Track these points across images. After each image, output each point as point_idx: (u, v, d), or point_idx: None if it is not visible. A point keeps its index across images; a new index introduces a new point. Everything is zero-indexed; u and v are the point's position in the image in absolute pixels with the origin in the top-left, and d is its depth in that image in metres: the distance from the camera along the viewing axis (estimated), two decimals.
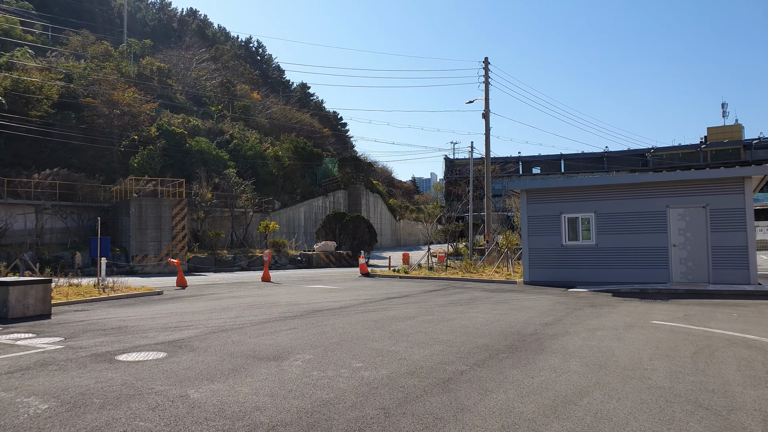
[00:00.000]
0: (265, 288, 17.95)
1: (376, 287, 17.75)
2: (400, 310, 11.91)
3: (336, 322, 10.19)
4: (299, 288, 17.74)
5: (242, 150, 46.86)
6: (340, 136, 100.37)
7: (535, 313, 11.34)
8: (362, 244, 36.45)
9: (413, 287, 17.65)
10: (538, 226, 18.33)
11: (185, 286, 18.45)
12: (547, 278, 18.06)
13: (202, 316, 11.07)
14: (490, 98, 28.78)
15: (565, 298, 14.32)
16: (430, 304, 13.08)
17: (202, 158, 40.85)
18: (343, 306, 12.61)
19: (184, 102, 56.60)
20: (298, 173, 51.88)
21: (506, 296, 14.78)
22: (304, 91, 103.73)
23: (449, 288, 17.35)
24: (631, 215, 17.10)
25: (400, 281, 20.15)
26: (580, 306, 12.58)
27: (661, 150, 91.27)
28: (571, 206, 17.92)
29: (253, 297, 14.91)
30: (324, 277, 22.84)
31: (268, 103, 75.15)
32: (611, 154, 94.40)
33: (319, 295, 15.32)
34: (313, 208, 49.91)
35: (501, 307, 12.45)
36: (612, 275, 17.25)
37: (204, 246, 33.53)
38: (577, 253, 17.79)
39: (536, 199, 18.43)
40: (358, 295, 14.99)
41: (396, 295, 15.00)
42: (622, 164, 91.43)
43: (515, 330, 9.28)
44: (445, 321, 10.27)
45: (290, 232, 45.83)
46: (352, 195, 56.15)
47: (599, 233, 17.47)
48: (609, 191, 17.44)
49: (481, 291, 16.28)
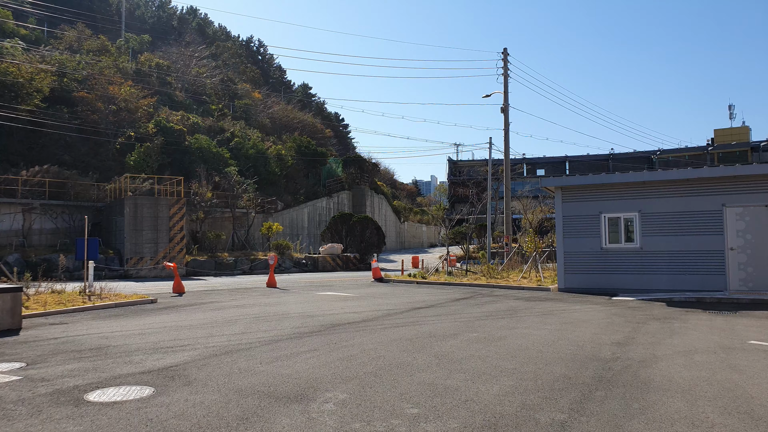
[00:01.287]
0: (272, 295, 16.15)
1: (395, 295, 15.94)
2: (435, 324, 10.10)
3: (363, 340, 8.38)
4: (310, 295, 15.93)
5: (243, 148, 45.10)
6: (342, 138, 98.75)
7: (595, 329, 9.54)
8: (370, 246, 34.65)
9: (437, 295, 15.84)
10: (575, 228, 16.54)
11: (182, 293, 16.64)
12: (584, 285, 16.25)
13: (201, 332, 9.26)
14: (509, 91, 27.05)
15: (616, 308, 12.52)
16: (465, 316, 11.27)
17: (202, 156, 39.08)
18: (366, 318, 10.80)
19: (183, 99, 54.83)
20: (301, 173, 50.12)
21: (547, 306, 12.98)
22: (306, 92, 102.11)
23: (477, 296, 15.54)
24: (681, 215, 15.30)
25: (419, 288, 18.35)
26: (642, 319, 10.78)
27: (667, 152, 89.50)
28: (612, 205, 16.12)
29: (260, 306, 13.10)
30: (334, 283, 21.02)
31: (270, 102, 73.46)
32: (617, 156, 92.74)
33: (333, 304, 13.51)
34: (317, 209, 48.12)
35: (550, 320, 10.65)
36: (658, 282, 15.44)
37: (203, 248, 31.73)
38: (618, 257, 15.99)
39: (573, 198, 16.63)
40: (378, 305, 13.17)
41: (422, 305, 13.19)
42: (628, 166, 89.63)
43: (588, 353, 7.48)
44: (496, 340, 8.46)
45: (293, 234, 44.04)
46: (357, 196, 54.37)
47: (644, 235, 15.67)
48: (655, 188, 15.64)
49: (514, 300, 14.47)
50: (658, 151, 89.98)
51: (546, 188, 16.86)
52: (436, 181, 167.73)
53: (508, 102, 26.84)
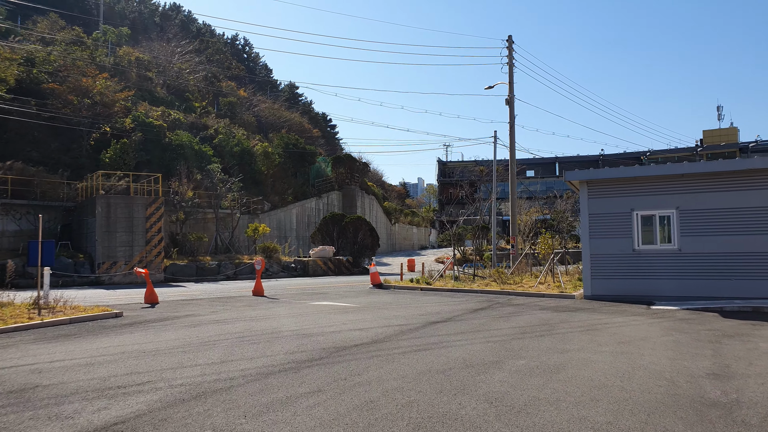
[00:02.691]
0: (259, 306, 14.04)
1: (401, 305, 13.91)
2: (464, 346, 8.10)
3: (382, 374, 6.35)
4: (303, 306, 13.84)
5: (228, 146, 42.81)
6: (330, 138, 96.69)
7: (666, 351, 7.61)
8: (364, 249, 32.60)
9: (449, 304, 13.83)
10: (603, 227, 14.64)
11: (156, 303, 14.48)
12: (614, 291, 14.36)
13: (169, 361, 7.16)
14: (514, 82, 25.16)
15: (666, 321, 10.61)
16: (495, 333, 9.28)
17: (183, 154, 36.76)
18: (377, 338, 8.76)
19: (164, 96, 52.38)
20: (289, 172, 47.90)
21: (583, 318, 11.04)
22: (292, 91, 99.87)
23: (495, 306, 13.56)
24: (725, 212, 13.46)
25: (425, 295, 16.34)
26: (711, 337, 8.86)
27: (657, 153, 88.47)
28: (646, 201, 14.24)
29: (245, 321, 11.00)
30: (329, 290, 18.94)
31: (255, 100, 71.18)
32: (607, 157, 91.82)
33: (332, 317, 11.45)
34: (306, 209, 45.96)
35: (601, 338, 8.69)
36: (699, 288, 13.59)
37: (184, 251, 29.46)
38: (653, 259, 14.11)
39: (600, 193, 14.74)
40: (386, 319, 11.14)
41: (437, 318, 11.18)
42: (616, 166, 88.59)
43: (688, 392, 5.54)
44: (554, 371, 6.48)
45: (281, 235, 41.84)
46: (347, 196, 52.30)
47: (683, 235, 13.81)
48: (695, 181, 13.79)
49: (541, 310, 12.52)
50: (648, 152, 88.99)
51: (569, 182, 14.95)
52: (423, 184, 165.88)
53: (513, 93, 24.97)
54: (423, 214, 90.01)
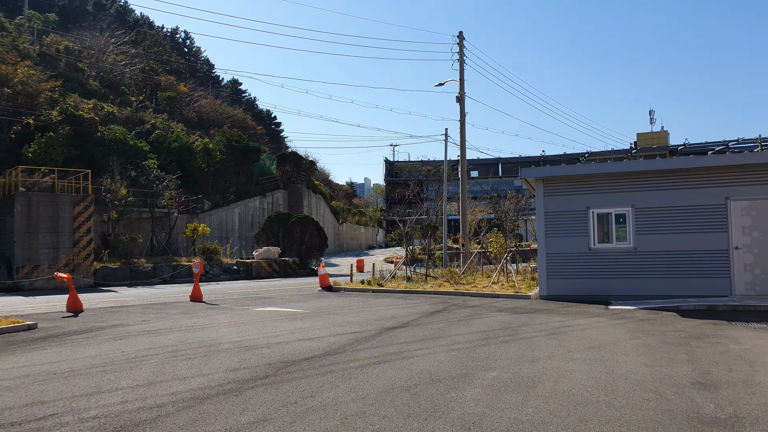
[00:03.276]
0: (197, 313, 12.89)
1: (353, 309, 13.07)
2: (427, 356, 7.36)
3: (338, 395, 5.51)
4: (246, 313, 12.79)
5: (166, 142, 40.70)
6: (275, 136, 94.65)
7: (640, 357, 7.13)
8: (311, 250, 31.53)
9: (404, 307, 13.11)
10: (559, 225, 14.29)
11: (79, 312, 13.07)
12: (570, 291, 14.02)
13: (84, 385, 6.07)
14: (465, 79, 24.76)
15: (629, 322, 10.25)
16: (458, 340, 8.60)
17: (117, 149, 34.58)
18: (330, 350, 7.90)
19: (97, 88, 49.44)
20: (231, 170, 46.12)
21: (544, 320, 10.54)
22: (236, 87, 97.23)
23: (452, 307, 12.93)
24: (680, 210, 13.35)
25: (378, 298, 15.56)
26: (678, 339, 8.49)
27: (594, 155, 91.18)
28: (602, 199, 13.98)
29: (180, 332, 9.89)
30: (274, 294, 17.87)
31: (196, 96, 68.54)
32: (548, 158, 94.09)
33: (279, 325, 10.49)
34: (249, 209, 44.37)
35: (569, 344, 8.16)
36: (654, 286, 13.42)
37: (116, 253, 27.57)
38: (609, 258, 13.86)
39: (556, 191, 14.38)
40: (339, 325, 10.28)
41: (393, 323, 10.41)
42: None
43: (680, 406, 4.99)
44: (529, 385, 5.82)
45: (223, 236, 40.15)
46: (293, 195, 50.96)
47: (638, 233, 13.61)
48: (651, 179, 13.62)
49: (499, 312, 11.97)
50: (586, 154, 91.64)
51: (525, 179, 14.53)
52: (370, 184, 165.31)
53: (464, 91, 24.57)
54: (371, 214, 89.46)
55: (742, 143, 76.07)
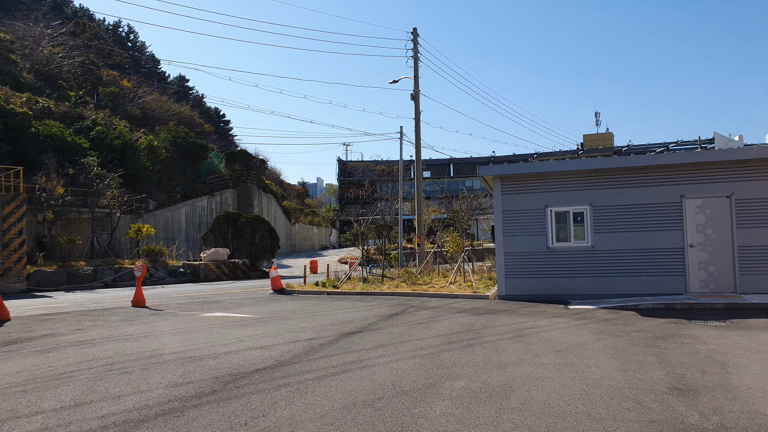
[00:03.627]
0: (139, 320, 11.98)
1: (307, 313, 12.45)
2: (388, 364, 6.87)
3: (294, 414, 4.94)
4: (192, 319, 11.98)
5: (108, 139, 38.77)
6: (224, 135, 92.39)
7: (610, 360, 6.87)
8: (262, 251, 30.56)
9: (361, 310, 12.58)
10: (517, 224, 14.07)
11: (5, 321, 11.94)
12: (529, 291, 13.84)
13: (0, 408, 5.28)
14: (420, 76, 24.43)
15: (591, 323, 10.06)
16: (419, 345, 8.14)
17: (54, 146, 32.64)
18: (282, 359, 7.29)
19: (32, 82, 46.72)
20: (177, 168, 44.45)
21: (505, 322, 10.22)
22: (183, 84, 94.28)
23: (410, 309, 12.49)
24: (637, 208, 13.35)
25: (333, 300, 14.97)
26: (644, 340, 8.31)
27: (543, 155, 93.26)
28: (560, 197, 13.85)
29: (118, 341, 9.06)
30: (223, 298, 16.99)
31: (141, 92, 65.96)
32: (498, 158, 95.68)
33: (228, 333, 9.78)
34: (197, 209, 42.85)
35: (535, 347, 7.84)
36: (612, 285, 13.38)
37: (53, 256, 25.92)
38: (567, 257, 13.74)
39: (514, 189, 14.16)
40: (292, 332, 9.66)
41: (350, 328, 9.87)
42: None
43: (667, 417, 4.69)
44: (501, 395, 5.41)
45: (169, 237, 38.59)
46: (243, 195, 49.62)
47: (596, 231, 13.55)
48: (608, 177, 13.57)
49: (459, 314, 11.61)
50: (535, 155, 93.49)
51: (483, 177, 14.25)
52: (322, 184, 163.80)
53: (418, 88, 24.24)
54: (324, 214, 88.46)
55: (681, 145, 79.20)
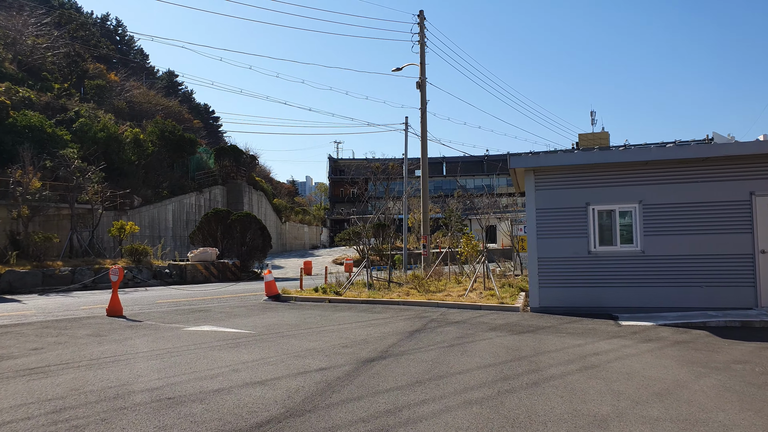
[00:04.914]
0: (111, 335, 10.00)
1: (311, 327, 10.51)
2: (439, 417, 4.98)
3: None
4: (175, 335, 10.01)
5: (91, 131, 36.56)
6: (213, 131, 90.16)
7: (746, 415, 5.01)
8: (253, 251, 28.56)
9: (373, 324, 10.66)
10: (553, 225, 12.22)
11: None
12: (566, 302, 11.99)
13: None
14: (426, 63, 22.53)
15: (669, 348, 8.23)
16: (465, 380, 6.25)
17: (32, 137, 30.45)
18: (290, 405, 5.37)
19: (14, 72, 44.39)
20: (165, 163, 42.29)
21: (558, 344, 8.36)
22: (172, 80, 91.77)
23: (432, 324, 10.59)
24: (695, 207, 11.54)
25: (338, 310, 13.03)
26: (761, 379, 6.47)
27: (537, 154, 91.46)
28: (604, 193, 12.02)
29: (79, 370, 7.10)
30: (212, 305, 14.99)
31: (129, 86, 63.65)
32: (492, 158, 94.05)
33: (219, 357, 7.84)
34: (185, 206, 40.74)
35: (620, 386, 5.99)
36: (664, 296, 11.57)
37: (27, 255, 23.78)
38: (612, 263, 11.91)
39: (550, 183, 12.31)
40: (297, 356, 7.74)
41: (368, 351, 7.95)
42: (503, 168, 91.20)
43: None
44: None
45: (155, 235, 36.47)
46: (232, 192, 47.56)
47: (646, 234, 11.72)
48: (662, 170, 11.75)
49: (491, 331, 9.74)
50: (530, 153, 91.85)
51: (515, 169, 12.37)
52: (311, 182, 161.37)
53: (425, 76, 22.35)
54: (314, 213, 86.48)
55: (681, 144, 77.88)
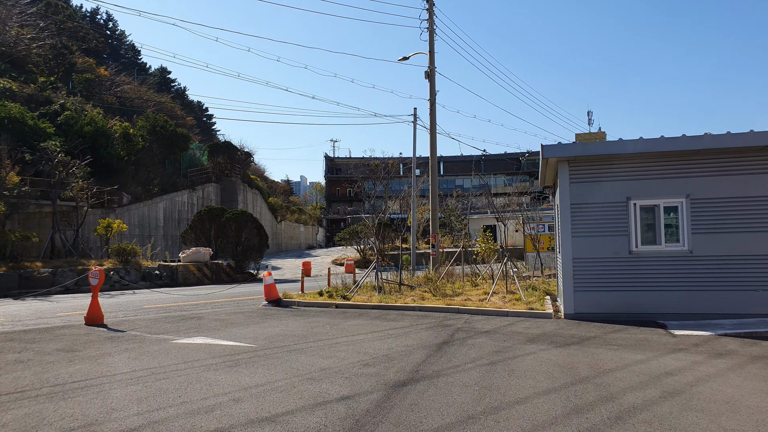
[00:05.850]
0: (86, 350, 8.58)
1: (320, 339, 9.12)
2: None
3: None
4: (163, 350, 8.59)
5: (78, 125, 34.93)
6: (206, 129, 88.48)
7: None
8: (249, 250, 27.11)
9: (392, 334, 9.28)
10: (589, 221, 10.90)
11: None
12: (604, 307, 10.67)
13: None
14: (435, 52, 21.18)
15: (750, 365, 6.92)
16: (528, 412, 4.89)
17: (12, 129, 28.84)
18: None
19: None
20: (156, 159, 40.71)
21: (616, 359, 7.03)
22: (164, 76, 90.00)
23: (459, 334, 9.22)
24: (752, 202, 10.25)
25: (347, 317, 11.64)
26: None
27: (534, 154, 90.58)
28: (647, 186, 10.70)
29: (38, 402, 5.69)
30: (205, 311, 13.54)
31: (119, 81, 61.89)
32: (489, 158, 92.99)
33: (215, 380, 6.44)
34: (177, 204, 39.20)
35: (730, 424, 4.64)
36: (715, 301, 10.27)
37: (3, 255, 22.23)
38: (656, 264, 10.59)
39: (586, 175, 10.98)
40: (309, 378, 6.36)
41: (396, 372, 6.58)
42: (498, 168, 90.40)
43: None
44: None
45: (145, 235, 34.92)
46: (227, 190, 46.04)
47: (695, 232, 10.41)
48: (712, 161, 10.44)
49: (530, 343, 8.40)
50: (527, 153, 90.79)
51: (547, 159, 11.02)
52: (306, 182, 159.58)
53: (434, 65, 20.99)
54: (310, 212, 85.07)
55: None
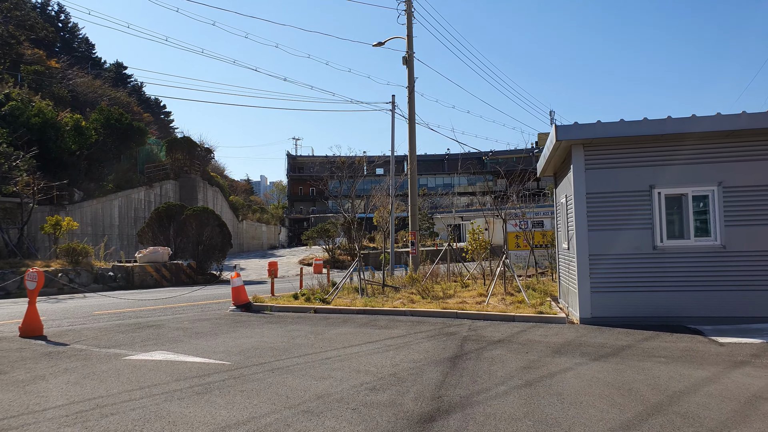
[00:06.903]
0: (13, 373, 6.85)
1: (306, 354, 7.57)
2: None
3: None
4: (113, 371, 6.90)
5: (24, 116, 32.18)
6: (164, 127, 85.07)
7: None
8: (211, 250, 25.18)
9: (390, 346, 7.80)
10: (607, 213, 9.65)
11: None
12: (626, 310, 9.43)
13: None
14: (414, 36, 19.80)
15: None
16: None
17: None
18: None
19: None
20: (111, 154, 38.12)
21: (668, 376, 5.76)
22: (120, 71, 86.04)
23: (468, 344, 7.81)
24: None
25: (330, 324, 10.09)
26: None
27: (498, 153, 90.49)
28: (673, 173, 9.51)
29: None
30: (165, 318, 11.75)
31: (71, 73, 58.50)
32: (452, 156, 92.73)
33: (179, 415, 4.85)
34: (133, 201, 36.77)
35: None
36: (755, 303, 9.14)
37: None
38: (684, 261, 9.41)
39: (605, 161, 9.73)
40: (303, 410, 4.83)
41: (413, 401, 5.12)
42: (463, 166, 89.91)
43: None
44: None
45: (98, 234, 32.48)
46: (186, 187, 43.70)
47: (729, 224, 9.28)
48: (748, 143, 9.31)
49: (558, 355, 7.06)
50: (490, 152, 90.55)
51: (562, 141, 9.71)
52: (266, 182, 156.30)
53: (412, 50, 19.64)
54: (272, 212, 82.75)
55: None
